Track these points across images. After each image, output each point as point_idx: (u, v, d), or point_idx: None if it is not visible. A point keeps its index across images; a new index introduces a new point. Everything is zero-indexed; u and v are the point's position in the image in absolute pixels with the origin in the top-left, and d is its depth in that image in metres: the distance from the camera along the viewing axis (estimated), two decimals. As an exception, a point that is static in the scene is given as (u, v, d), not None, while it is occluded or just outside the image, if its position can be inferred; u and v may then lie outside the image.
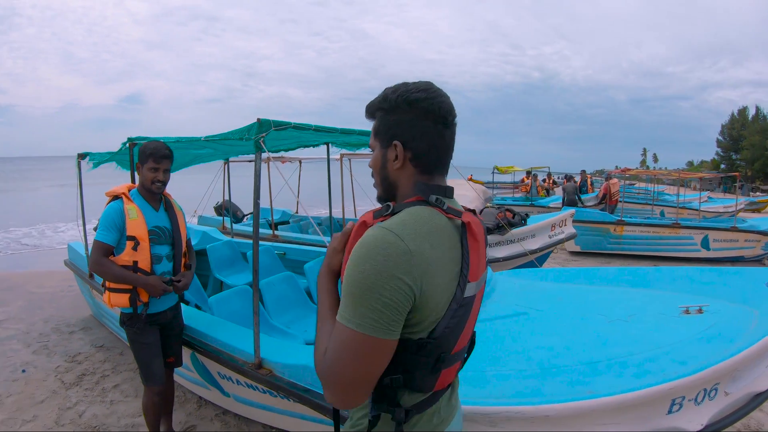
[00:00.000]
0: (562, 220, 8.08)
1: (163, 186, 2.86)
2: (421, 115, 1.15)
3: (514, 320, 2.89)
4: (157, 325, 2.94)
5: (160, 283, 2.78)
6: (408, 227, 1.05)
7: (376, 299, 0.99)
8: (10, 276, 8.56)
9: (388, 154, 1.20)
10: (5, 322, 5.96)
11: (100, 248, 2.71)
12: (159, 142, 2.86)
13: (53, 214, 17.57)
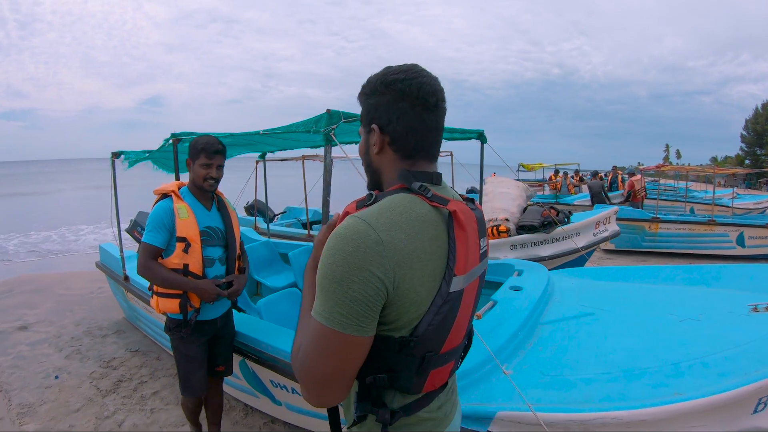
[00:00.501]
0: (606, 218, 7.78)
1: (216, 183, 2.65)
2: (398, 97, 1.08)
3: (583, 321, 2.74)
4: (205, 335, 2.73)
5: (213, 287, 2.57)
6: (383, 216, 0.99)
7: (344, 293, 0.93)
8: (38, 277, 8.38)
9: (369, 139, 1.15)
10: (35, 326, 5.76)
11: (148, 251, 2.51)
12: (211, 136, 2.65)
13: (76, 217, 17.54)
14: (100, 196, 25.24)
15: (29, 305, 6.56)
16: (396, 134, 1.11)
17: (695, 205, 15.57)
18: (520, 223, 7.02)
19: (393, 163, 1.14)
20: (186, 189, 2.68)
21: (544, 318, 2.76)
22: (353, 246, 0.94)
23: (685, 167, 17.53)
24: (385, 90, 1.10)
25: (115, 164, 4.58)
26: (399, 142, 1.12)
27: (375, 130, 1.12)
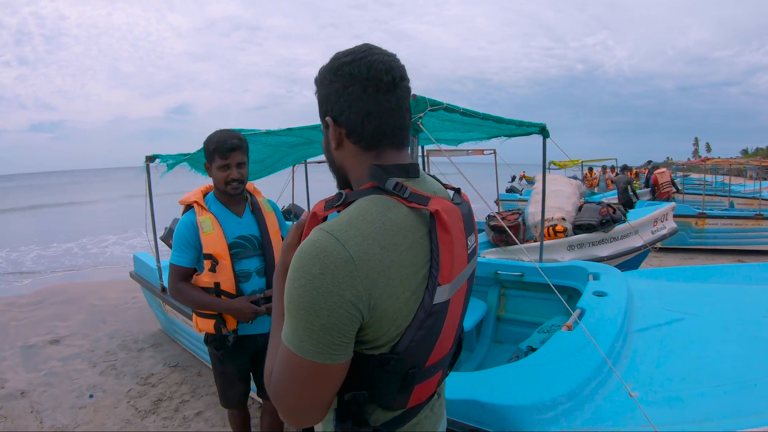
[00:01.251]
0: (663, 215, 7.35)
1: (241, 185, 2.30)
2: (347, 83, 0.94)
3: (675, 327, 2.48)
4: (246, 353, 2.43)
5: (249, 306, 2.24)
6: (352, 228, 0.85)
7: (311, 321, 0.82)
8: (69, 287, 8.14)
9: (327, 134, 1.02)
10: (67, 339, 5.48)
11: (175, 272, 2.29)
12: (224, 131, 2.29)
13: (101, 227, 17.39)
14: (127, 206, 25.36)
15: (61, 317, 6.30)
16: (351, 124, 0.97)
17: (735, 198, 15.10)
18: (577, 222, 6.59)
19: (355, 157, 1.00)
20: (212, 195, 2.38)
21: (632, 326, 2.47)
22: (320, 268, 0.82)
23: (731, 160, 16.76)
24: (333, 78, 0.97)
25: (149, 169, 4.24)
26: (356, 132, 0.97)
27: (329, 123, 0.99)
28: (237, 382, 2.46)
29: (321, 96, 1.01)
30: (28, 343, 5.38)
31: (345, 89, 0.95)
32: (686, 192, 14.67)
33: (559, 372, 1.83)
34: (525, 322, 3.97)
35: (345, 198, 0.95)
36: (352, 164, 1.01)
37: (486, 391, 1.75)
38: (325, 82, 0.99)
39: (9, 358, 4.95)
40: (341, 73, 0.95)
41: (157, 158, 4.16)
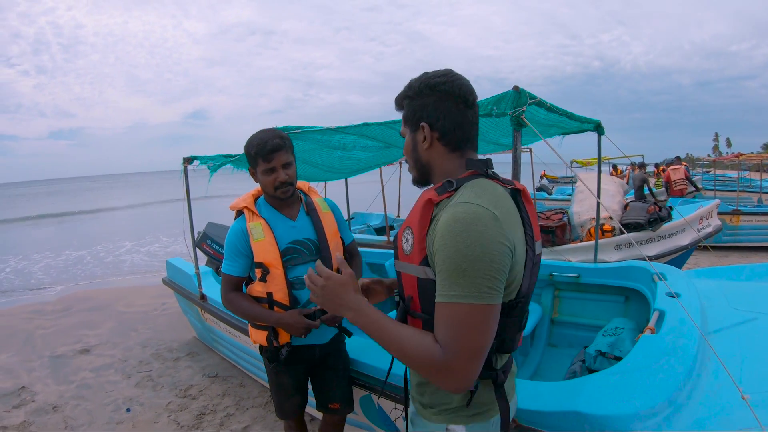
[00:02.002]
0: (708, 212, 7.13)
1: (291, 187, 2.11)
2: (443, 97, 1.23)
3: (749, 327, 2.42)
4: (302, 364, 2.29)
5: (300, 320, 2.08)
6: (482, 197, 1.11)
7: (488, 267, 1.02)
8: (96, 294, 7.93)
9: (417, 136, 1.28)
10: (97, 348, 5.27)
11: (228, 282, 2.17)
12: (265, 131, 2.12)
13: (118, 234, 17.25)
14: (145, 212, 25.34)
15: (89, 325, 6.09)
16: (444, 130, 1.23)
17: (762, 195, 14.61)
18: (624, 220, 6.35)
19: (443, 156, 1.27)
20: (263, 199, 2.23)
21: (708, 327, 2.42)
22: (482, 225, 1.04)
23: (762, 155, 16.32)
24: (430, 92, 1.23)
25: (187, 171, 4.01)
26: (447, 137, 1.24)
27: (425, 128, 1.24)
28: (293, 393, 2.31)
29: (416, 104, 1.26)
30: (56, 352, 5.17)
31: (441, 102, 1.23)
32: (716, 189, 14.31)
33: (655, 377, 1.79)
34: (580, 325, 3.82)
35: (455, 184, 1.18)
36: (439, 162, 1.28)
37: (585, 401, 1.69)
38: (422, 95, 1.25)
39: (37, 369, 4.74)
40: (438, 89, 1.22)
41: (195, 159, 3.94)
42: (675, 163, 12.51)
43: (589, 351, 2.74)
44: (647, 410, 1.59)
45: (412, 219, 1.21)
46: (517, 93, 1.91)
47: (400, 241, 1.27)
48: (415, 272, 1.19)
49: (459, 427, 1.24)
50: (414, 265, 1.19)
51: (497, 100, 2.00)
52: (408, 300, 1.26)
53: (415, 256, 1.18)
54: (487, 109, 2.05)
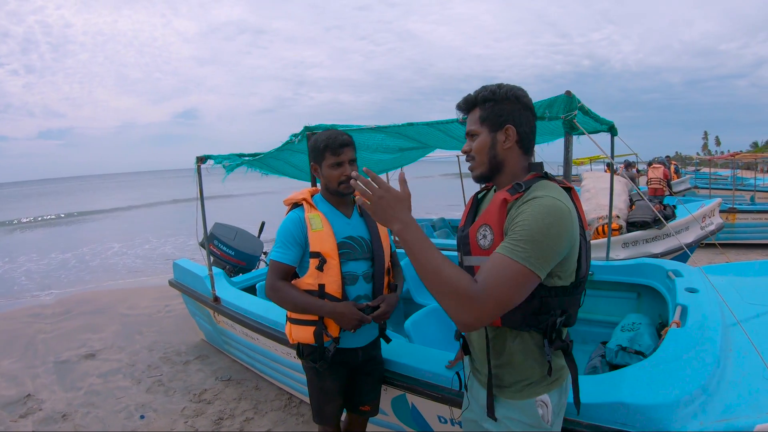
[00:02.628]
0: (711, 211, 7.30)
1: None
2: (524, 107, 1.45)
3: (763, 320, 2.54)
4: (344, 366, 2.27)
5: (355, 311, 2.08)
6: (557, 194, 1.32)
7: (552, 247, 1.24)
8: (96, 296, 7.77)
9: (498, 136, 1.44)
10: (103, 352, 5.15)
11: (277, 270, 2.12)
12: (333, 129, 2.22)
13: (106, 236, 16.97)
14: (134, 215, 25.07)
15: (92, 328, 5.97)
16: (524, 135, 1.45)
17: (757, 193, 14.93)
18: (630, 219, 6.42)
19: (517, 157, 1.46)
20: (320, 196, 2.26)
21: (725, 321, 2.50)
22: (562, 214, 1.27)
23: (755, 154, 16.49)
24: (516, 101, 1.43)
25: (200, 170, 3.95)
26: (525, 141, 1.46)
27: (510, 129, 1.43)
28: (336, 397, 2.28)
29: (501, 108, 1.43)
30: (60, 358, 5.05)
31: (523, 111, 1.44)
32: (711, 187, 14.47)
33: (687, 367, 1.89)
34: (593, 321, 3.88)
35: (526, 185, 1.37)
36: (513, 161, 1.46)
37: (627, 392, 1.78)
38: (508, 101, 1.42)
39: (42, 376, 4.62)
40: (521, 101, 1.43)
41: (209, 159, 3.87)
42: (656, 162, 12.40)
43: (610, 346, 2.82)
44: (685, 398, 1.69)
45: (490, 217, 1.38)
46: (569, 97, 1.92)
47: (474, 238, 1.42)
48: None
49: (545, 396, 1.44)
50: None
51: (549, 104, 2.00)
52: None
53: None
54: (539, 113, 2.03)
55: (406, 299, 4.77)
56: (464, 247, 1.47)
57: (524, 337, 1.44)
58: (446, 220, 9.10)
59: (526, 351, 1.44)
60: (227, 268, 5.18)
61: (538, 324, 1.38)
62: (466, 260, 1.47)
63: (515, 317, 1.38)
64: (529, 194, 1.33)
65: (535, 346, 1.43)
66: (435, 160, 13.63)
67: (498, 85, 1.44)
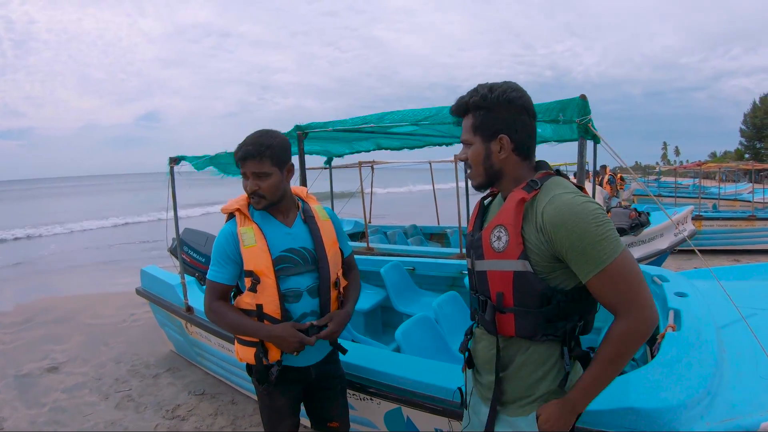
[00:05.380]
0: (684, 218, 7.49)
1: (262, 199, 1.93)
2: (519, 111, 1.34)
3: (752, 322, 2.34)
4: (296, 384, 2.08)
5: (294, 333, 1.89)
6: (577, 191, 1.30)
7: (613, 230, 1.23)
8: (58, 303, 7.33)
9: (491, 146, 1.37)
10: (67, 365, 4.86)
11: (213, 289, 1.96)
12: (257, 134, 1.94)
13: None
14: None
15: (55, 339, 5.65)
16: (520, 141, 1.36)
17: (718, 201, 15.26)
18: (608, 226, 6.46)
19: (516, 164, 1.39)
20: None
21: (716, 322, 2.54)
22: (589, 201, 1.25)
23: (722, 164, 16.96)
24: (508, 105, 1.33)
25: (173, 171, 3.73)
26: (522, 148, 1.38)
27: (504, 140, 1.35)
28: (288, 416, 2.09)
29: (493, 117, 1.34)
30: (21, 371, 4.74)
31: (518, 116, 1.34)
32: (677, 196, 14.88)
33: (689, 370, 1.90)
34: None
35: (541, 182, 1.32)
36: (512, 170, 1.39)
37: (635, 397, 1.77)
38: (501, 108, 1.33)
39: (3, 391, 4.33)
40: (515, 104, 1.33)
41: (182, 160, 3.66)
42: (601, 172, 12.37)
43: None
44: (691, 400, 1.70)
45: (505, 218, 1.33)
46: (584, 101, 1.83)
47: (487, 241, 1.37)
48: (512, 267, 1.31)
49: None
50: (510, 260, 1.31)
51: (562, 107, 1.90)
52: (498, 297, 1.37)
53: (512, 251, 1.31)
54: (552, 116, 1.94)
55: (386, 307, 4.67)
56: (476, 251, 1.43)
57: (538, 347, 1.37)
58: (418, 227, 9.01)
59: (537, 363, 1.37)
60: (197, 276, 4.95)
61: (555, 332, 1.32)
62: (478, 265, 1.43)
63: (530, 326, 1.33)
64: (548, 192, 1.29)
65: (549, 357, 1.36)
66: (409, 167, 13.52)
67: (490, 88, 1.34)
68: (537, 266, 1.29)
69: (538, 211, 1.28)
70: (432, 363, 2.45)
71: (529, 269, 1.28)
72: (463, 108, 1.40)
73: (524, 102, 1.34)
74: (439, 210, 9.80)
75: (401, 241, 8.05)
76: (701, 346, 2.12)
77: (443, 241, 8.75)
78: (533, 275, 1.28)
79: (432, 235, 8.91)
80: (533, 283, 1.29)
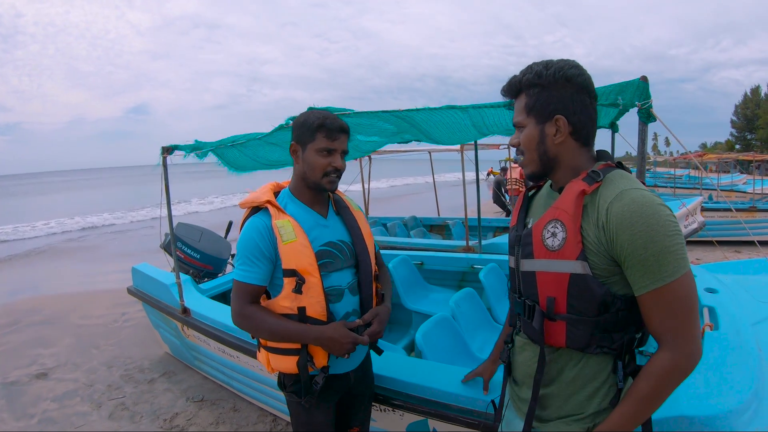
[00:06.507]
0: (694, 209, 7.27)
1: (339, 179, 1.79)
2: (579, 90, 1.19)
3: None
4: (335, 394, 1.87)
5: (347, 333, 1.68)
6: (645, 188, 1.14)
7: (682, 240, 1.06)
8: (45, 303, 7.00)
9: (546, 129, 1.22)
10: (56, 371, 4.57)
11: (243, 292, 1.70)
12: (325, 112, 1.77)
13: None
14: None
15: (43, 342, 5.36)
16: (579, 124, 1.21)
17: (712, 192, 15.29)
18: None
19: (573, 151, 1.23)
20: (287, 191, 1.83)
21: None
22: (663, 205, 1.08)
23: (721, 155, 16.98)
24: (566, 83, 1.18)
25: (166, 162, 3.44)
26: (581, 132, 1.22)
27: (561, 121, 1.20)
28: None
29: (549, 95, 1.20)
30: (8, 378, 4.46)
31: (577, 95, 1.20)
32: (676, 186, 14.85)
33: (734, 372, 1.81)
34: None
35: (603, 174, 1.17)
36: (569, 157, 1.24)
37: (685, 404, 1.66)
38: (557, 85, 1.19)
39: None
40: (574, 82, 1.19)
41: (176, 149, 3.37)
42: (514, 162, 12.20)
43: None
44: (742, 405, 1.61)
45: (563, 211, 1.17)
46: (645, 83, 1.66)
47: (539, 237, 1.22)
48: (569, 268, 1.16)
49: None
50: (568, 261, 1.15)
51: (620, 90, 1.74)
52: (549, 302, 1.21)
53: (570, 251, 1.15)
54: (610, 99, 1.78)
55: (395, 304, 4.43)
56: (525, 248, 1.27)
57: (590, 361, 1.21)
58: (418, 219, 8.79)
59: (589, 377, 1.22)
60: (191, 272, 4.68)
61: (611, 344, 1.17)
62: (526, 264, 1.27)
63: (584, 336, 1.18)
64: (614, 186, 1.13)
65: (601, 372, 1.21)
66: (408, 159, 13.23)
67: (545, 65, 1.20)
68: (595, 269, 1.14)
69: (602, 206, 1.12)
70: (459, 370, 2.23)
71: (588, 272, 1.13)
72: (516, 87, 1.26)
73: (584, 80, 1.20)
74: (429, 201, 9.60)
75: (402, 233, 7.82)
76: (742, 346, 2.02)
77: (443, 233, 8.55)
78: (593, 279, 1.13)
79: (432, 227, 8.70)
80: (593, 287, 1.13)
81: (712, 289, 2.75)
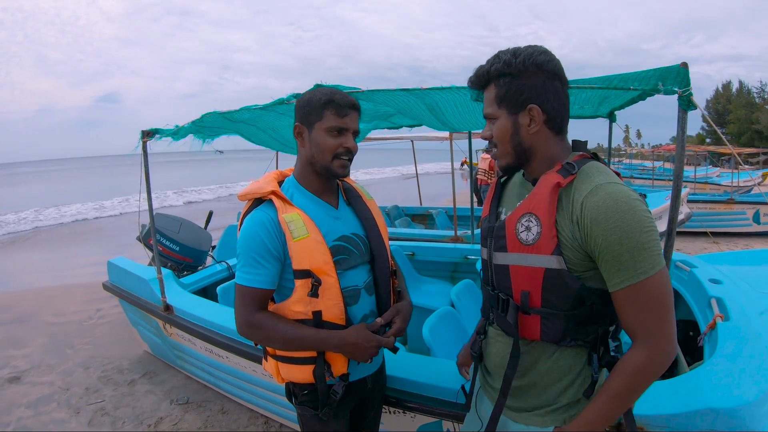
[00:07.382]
0: (681, 201, 7.15)
1: (350, 164, 1.60)
2: (550, 76, 1.16)
3: None
4: (351, 402, 1.71)
5: (371, 336, 1.52)
6: (621, 182, 1.13)
7: (657, 236, 1.05)
8: (15, 299, 6.59)
9: (519, 119, 1.19)
10: (29, 374, 4.27)
11: (250, 298, 1.50)
12: (332, 88, 1.60)
13: None
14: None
15: (14, 343, 5.02)
16: (554, 112, 1.18)
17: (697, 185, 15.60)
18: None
19: (548, 141, 1.20)
20: (292, 180, 1.64)
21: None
22: (640, 201, 1.07)
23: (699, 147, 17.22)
24: (537, 71, 1.15)
25: (146, 147, 3.18)
26: (555, 120, 1.19)
27: (534, 110, 1.16)
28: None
29: (521, 84, 1.16)
30: (-22, 382, 4.16)
31: (549, 82, 1.16)
32: (655, 178, 15.02)
33: (753, 363, 1.81)
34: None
35: (577, 166, 1.14)
36: (545, 146, 1.21)
37: (711, 396, 1.66)
38: (528, 74, 1.15)
39: (-43, 407, 3.74)
40: (545, 68, 1.15)
41: (156, 133, 3.12)
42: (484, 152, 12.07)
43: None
44: (764, 395, 1.61)
45: (537, 204, 1.15)
46: (685, 70, 1.52)
47: (513, 230, 1.20)
48: (543, 263, 1.14)
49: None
50: (543, 255, 1.14)
51: (662, 76, 1.60)
52: (523, 296, 1.20)
53: (545, 245, 1.13)
54: (651, 84, 1.63)
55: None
56: (498, 241, 1.25)
57: (564, 353, 1.21)
58: (400, 208, 8.64)
59: (564, 370, 1.21)
60: (169, 265, 4.42)
61: (585, 336, 1.17)
62: (499, 257, 1.25)
63: (557, 330, 1.18)
64: (589, 180, 1.12)
65: (575, 364, 1.21)
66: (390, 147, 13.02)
67: (513, 53, 1.16)
68: (570, 263, 1.13)
69: (577, 200, 1.11)
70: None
71: (563, 267, 1.12)
72: (484, 78, 1.22)
73: (555, 66, 1.17)
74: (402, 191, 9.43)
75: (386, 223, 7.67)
76: (755, 336, 2.03)
77: (426, 222, 8.44)
78: (568, 274, 1.12)
79: (414, 216, 8.55)
80: (568, 282, 1.13)
81: (716, 280, 2.74)
